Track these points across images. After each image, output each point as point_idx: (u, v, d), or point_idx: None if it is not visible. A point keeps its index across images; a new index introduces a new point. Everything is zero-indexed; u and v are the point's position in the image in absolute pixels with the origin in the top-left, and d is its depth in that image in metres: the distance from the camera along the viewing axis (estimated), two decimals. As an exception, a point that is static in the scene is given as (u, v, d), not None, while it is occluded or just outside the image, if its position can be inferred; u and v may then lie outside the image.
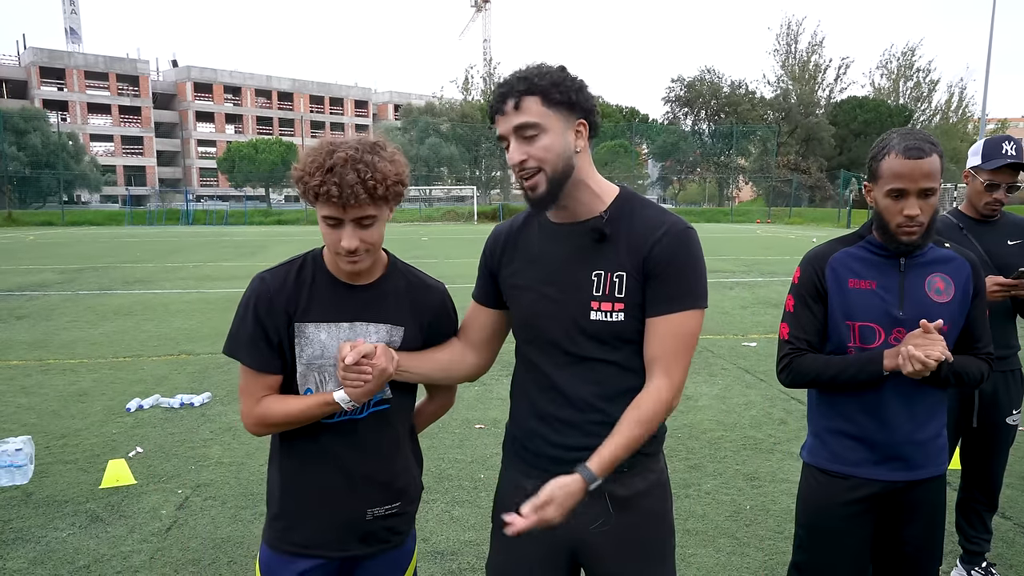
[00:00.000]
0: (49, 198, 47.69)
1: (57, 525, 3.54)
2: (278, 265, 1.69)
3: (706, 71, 62.75)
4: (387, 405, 1.70)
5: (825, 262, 1.94)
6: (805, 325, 1.95)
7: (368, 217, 1.54)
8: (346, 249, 1.54)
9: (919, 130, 1.83)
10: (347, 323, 1.64)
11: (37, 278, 13.79)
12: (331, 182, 1.48)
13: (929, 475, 1.92)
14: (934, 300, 1.86)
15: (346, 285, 1.66)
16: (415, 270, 1.78)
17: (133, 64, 72.48)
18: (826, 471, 1.98)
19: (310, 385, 1.66)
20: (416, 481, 1.80)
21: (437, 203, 53.41)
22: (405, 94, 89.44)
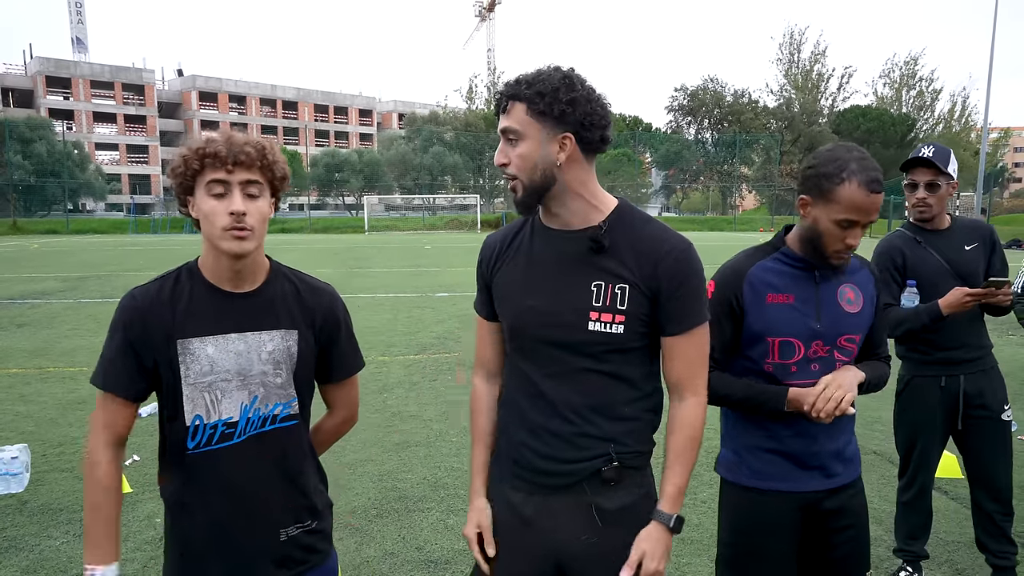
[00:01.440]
0: (54, 206, 47.92)
1: (51, 533, 3.54)
2: (150, 280, 1.57)
3: (709, 80, 62.96)
4: (295, 420, 1.62)
5: (743, 278, 1.88)
6: (714, 342, 1.85)
7: (255, 182, 1.49)
8: (237, 212, 1.45)
9: (865, 153, 1.77)
10: (236, 333, 1.54)
11: (40, 286, 13.85)
12: (218, 144, 1.46)
13: (846, 481, 1.94)
14: (846, 311, 1.87)
15: (228, 293, 1.55)
16: (300, 273, 1.69)
17: (139, 73, 72.94)
18: (748, 487, 1.94)
19: (199, 411, 1.52)
20: (324, 498, 1.71)
21: (440, 212, 53.53)
22: (409, 103, 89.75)
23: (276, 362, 1.58)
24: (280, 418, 1.59)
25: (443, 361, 7.34)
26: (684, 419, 1.58)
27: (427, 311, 10.62)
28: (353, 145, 79.64)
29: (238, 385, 1.55)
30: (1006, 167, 70.59)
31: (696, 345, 1.57)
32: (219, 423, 1.54)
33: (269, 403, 1.58)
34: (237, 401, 1.55)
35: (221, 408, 1.54)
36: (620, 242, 1.55)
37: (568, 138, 1.49)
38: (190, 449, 1.53)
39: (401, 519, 3.72)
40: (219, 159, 1.45)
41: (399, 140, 62.85)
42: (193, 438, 1.53)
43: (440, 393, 6.16)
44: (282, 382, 1.59)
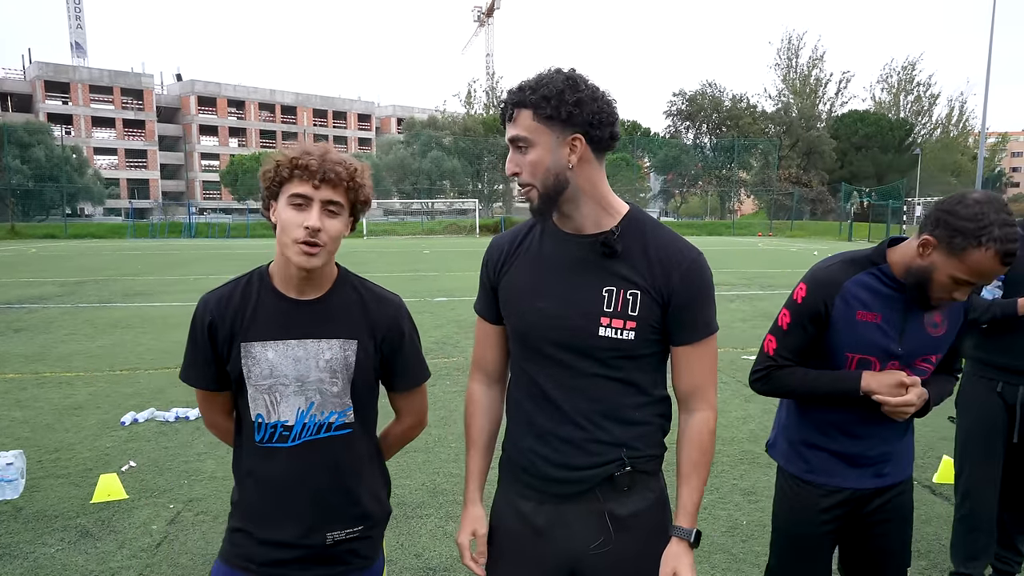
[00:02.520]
0: (52, 211, 47.87)
1: (46, 540, 3.51)
2: (222, 285, 1.65)
3: (707, 85, 63.14)
4: (349, 429, 1.64)
5: (838, 289, 1.85)
6: (793, 346, 1.94)
7: (336, 204, 1.52)
8: (311, 228, 1.49)
9: (1012, 219, 1.67)
10: (295, 340, 1.59)
11: (37, 291, 13.81)
12: (310, 158, 1.49)
13: (896, 480, 1.99)
14: (930, 334, 1.88)
15: (293, 300, 1.60)
16: (368, 282, 1.72)
17: (138, 78, 73.00)
18: (798, 479, 2.03)
19: (260, 410, 1.59)
20: (382, 505, 1.75)
21: (439, 216, 53.53)
22: (408, 108, 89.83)
23: (333, 371, 1.60)
24: (335, 426, 1.62)
25: (442, 366, 7.31)
26: (696, 432, 1.57)
27: (425, 316, 10.59)
28: (352, 150, 79.63)
29: (295, 390, 1.59)
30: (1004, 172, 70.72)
31: (707, 355, 1.57)
32: (278, 424, 1.60)
33: (325, 410, 1.61)
34: (294, 406, 1.59)
35: (280, 411, 1.59)
36: (632, 248, 1.53)
37: (578, 139, 1.47)
38: (256, 441, 1.62)
39: (399, 526, 3.69)
40: (308, 172, 1.48)
41: (398, 145, 62.89)
42: (258, 432, 1.61)
43: (438, 398, 6.13)
44: (338, 391, 1.61)
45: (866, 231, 37.16)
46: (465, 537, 1.68)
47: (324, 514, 1.62)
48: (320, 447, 1.61)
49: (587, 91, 1.46)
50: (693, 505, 1.56)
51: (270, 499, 1.61)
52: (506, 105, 1.50)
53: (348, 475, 1.65)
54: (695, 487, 1.56)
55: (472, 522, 1.69)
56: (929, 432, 5.13)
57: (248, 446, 1.64)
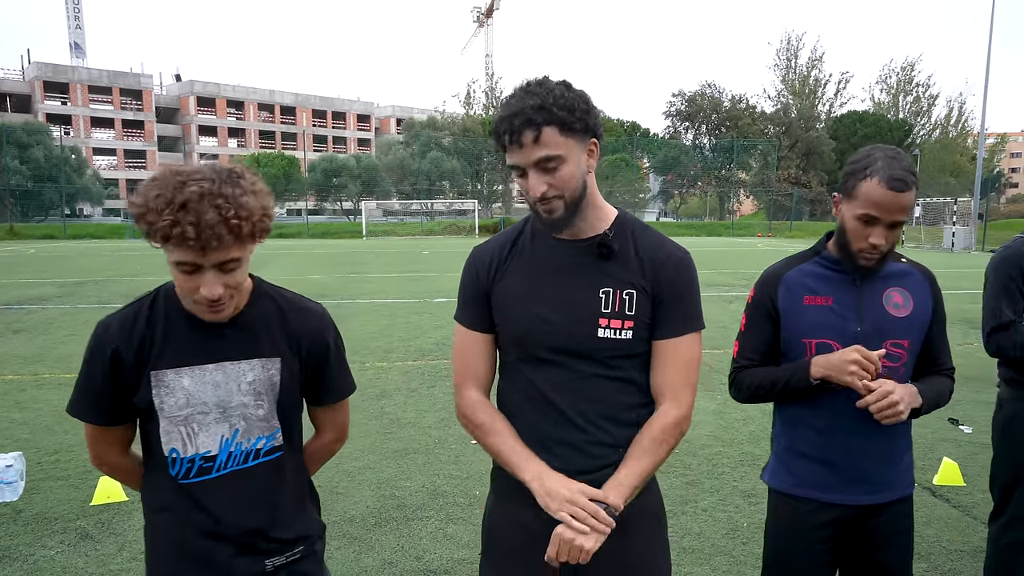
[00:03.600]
0: (51, 211, 47.88)
1: (46, 543, 3.50)
2: (124, 307, 1.49)
3: (707, 85, 63.20)
4: (279, 452, 1.55)
5: (779, 281, 1.90)
6: (754, 344, 1.95)
7: (232, 260, 1.34)
8: (207, 299, 1.35)
9: (903, 155, 1.76)
10: (213, 364, 1.46)
11: (37, 291, 13.79)
12: (186, 222, 1.25)
13: (896, 497, 1.89)
14: (893, 315, 1.84)
15: (205, 322, 1.45)
16: (288, 292, 1.59)
17: (136, 78, 73.00)
18: (790, 495, 1.93)
19: (175, 444, 1.45)
20: (315, 521, 1.65)
21: (438, 217, 53.53)
22: (407, 108, 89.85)
23: (257, 392, 1.49)
24: (264, 451, 1.52)
25: (441, 367, 7.30)
26: (653, 421, 1.55)
27: (425, 316, 10.58)
28: (351, 150, 79.71)
29: (217, 418, 1.47)
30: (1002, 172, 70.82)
31: (686, 351, 1.57)
32: (196, 457, 1.47)
33: (251, 436, 1.50)
34: (216, 435, 1.47)
35: (198, 442, 1.46)
36: (624, 248, 1.57)
37: (594, 143, 1.51)
38: (172, 476, 1.48)
39: (400, 528, 3.69)
40: (186, 243, 1.27)
41: (397, 145, 62.92)
42: (172, 468, 1.48)
43: (438, 400, 6.13)
44: (264, 413, 1.51)
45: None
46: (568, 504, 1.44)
47: (260, 543, 1.51)
48: (248, 476, 1.49)
49: (587, 96, 1.50)
50: (619, 482, 1.48)
51: (193, 535, 1.48)
52: (522, 127, 1.42)
53: (281, 499, 1.54)
54: (629, 467, 1.50)
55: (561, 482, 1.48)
56: (929, 434, 5.13)
57: (161, 483, 1.49)
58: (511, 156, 1.47)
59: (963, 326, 9.77)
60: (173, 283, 1.46)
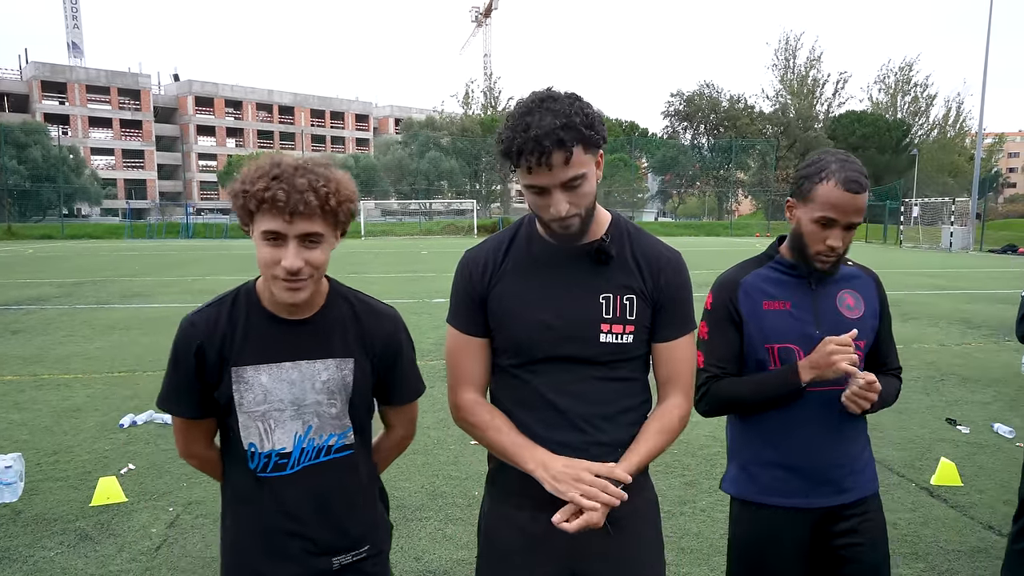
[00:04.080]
0: (49, 211, 47.84)
1: (45, 544, 3.50)
2: (206, 305, 1.55)
3: (705, 85, 63.39)
4: (350, 451, 1.59)
5: (737, 286, 1.89)
6: (721, 352, 1.88)
7: (315, 235, 1.41)
8: (287, 270, 1.39)
9: (854, 159, 1.78)
10: (290, 363, 1.51)
11: (35, 292, 13.78)
12: (277, 187, 1.35)
13: (860, 496, 1.87)
14: (847, 316, 1.85)
15: (285, 320, 1.52)
16: (362, 295, 1.64)
17: (135, 78, 72.91)
18: (756, 504, 1.89)
19: (253, 439, 1.51)
20: (383, 521, 1.71)
21: (437, 216, 53.53)
22: (406, 108, 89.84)
23: (330, 392, 1.54)
24: (335, 449, 1.57)
25: (440, 368, 7.27)
26: (665, 409, 1.61)
27: (424, 317, 10.58)
28: (349, 150, 79.68)
29: (292, 415, 1.52)
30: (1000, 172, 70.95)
31: (686, 351, 1.63)
32: (272, 453, 1.52)
33: (324, 433, 1.55)
34: (291, 431, 1.52)
35: (275, 438, 1.52)
36: (621, 252, 1.59)
37: (600, 155, 1.52)
38: (251, 469, 1.54)
39: (399, 528, 3.69)
40: (276, 207, 1.35)
41: (395, 145, 62.92)
42: (251, 462, 1.54)
43: (437, 400, 6.11)
44: (336, 412, 1.55)
45: (863, 232, 37.24)
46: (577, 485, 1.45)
47: (328, 540, 1.56)
48: (321, 472, 1.55)
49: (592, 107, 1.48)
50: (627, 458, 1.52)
51: (270, 528, 1.54)
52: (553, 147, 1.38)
53: (350, 497, 1.60)
54: (639, 448, 1.55)
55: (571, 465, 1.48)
56: (927, 434, 5.14)
57: (241, 475, 1.56)
58: (535, 177, 1.43)
59: (961, 326, 9.76)
60: (254, 282, 1.55)
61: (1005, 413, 5.69)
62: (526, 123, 1.39)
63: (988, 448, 4.89)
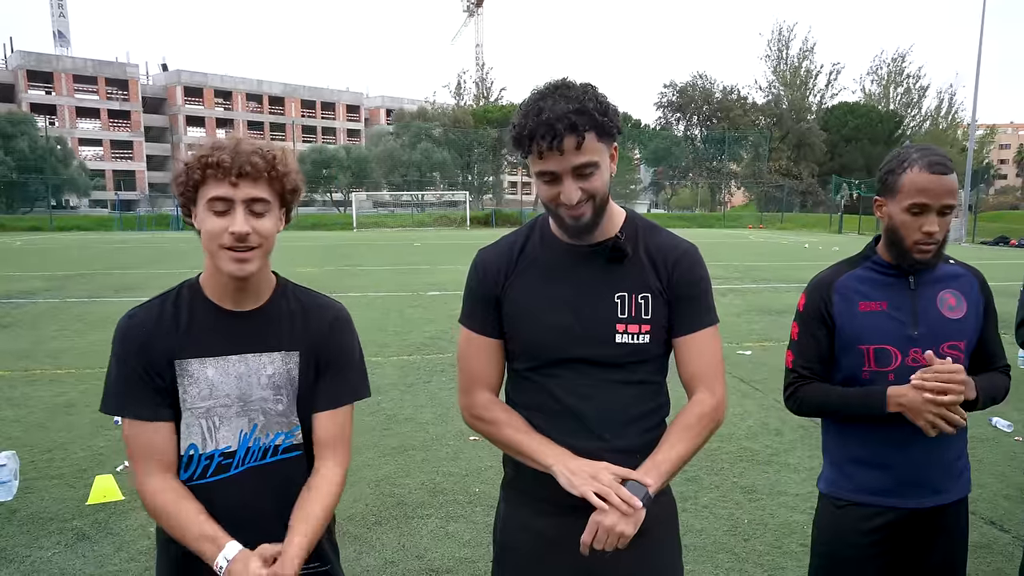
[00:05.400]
0: (37, 203, 47.36)
1: (42, 544, 3.46)
2: (146, 302, 1.50)
3: (698, 76, 63.12)
4: (298, 451, 1.52)
5: (831, 288, 1.88)
6: (809, 354, 1.90)
7: (261, 201, 1.38)
8: (237, 233, 1.35)
9: (934, 146, 1.80)
10: (236, 355, 1.46)
11: (24, 285, 13.64)
12: (220, 153, 1.34)
13: (951, 499, 1.87)
14: (947, 317, 1.82)
15: (231, 313, 1.47)
16: (308, 291, 1.61)
17: (122, 68, 72.10)
18: (844, 500, 1.90)
19: (195, 439, 1.44)
20: (333, 540, 1.63)
21: (429, 208, 53.35)
22: (397, 99, 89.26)
23: (276, 387, 1.49)
24: (282, 449, 1.50)
25: (436, 362, 7.28)
26: (689, 408, 1.56)
27: (418, 310, 10.54)
28: (341, 141, 79.19)
29: (237, 411, 1.46)
30: (992, 164, 71.31)
31: (710, 343, 1.57)
32: (215, 453, 1.45)
33: (270, 432, 1.49)
34: (236, 429, 1.46)
35: (219, 436, 1.45)
36: (636, 251, 1.56)
37: (615, 148, 1.51)
38: (184, 480, 1.45)
39: (400, 526, 3.67)
40: (222, 170, 1.34)
41: (387, 136, 62.56)
42: (185, 469, 1.45)
43: (435, 395, 6.10)
44: (283, 409, 1.50)
45: (856, 223, 37.36)
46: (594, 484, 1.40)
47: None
48: (265, 473, 1.48)
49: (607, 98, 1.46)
50: (652, 464, 1.46)
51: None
52: (565, 132, 1.37)
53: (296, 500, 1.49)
54: (663, 451, 1.48)
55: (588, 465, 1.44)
56: (925, 428, 5.15)
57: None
58: (546, 163, 1.42)
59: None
60: (195, 278, 1.51)
61: (1003, 407, 5.69)
62: (539, 108, 1.39)
63: (987, 442, 4.92)
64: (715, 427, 1.56)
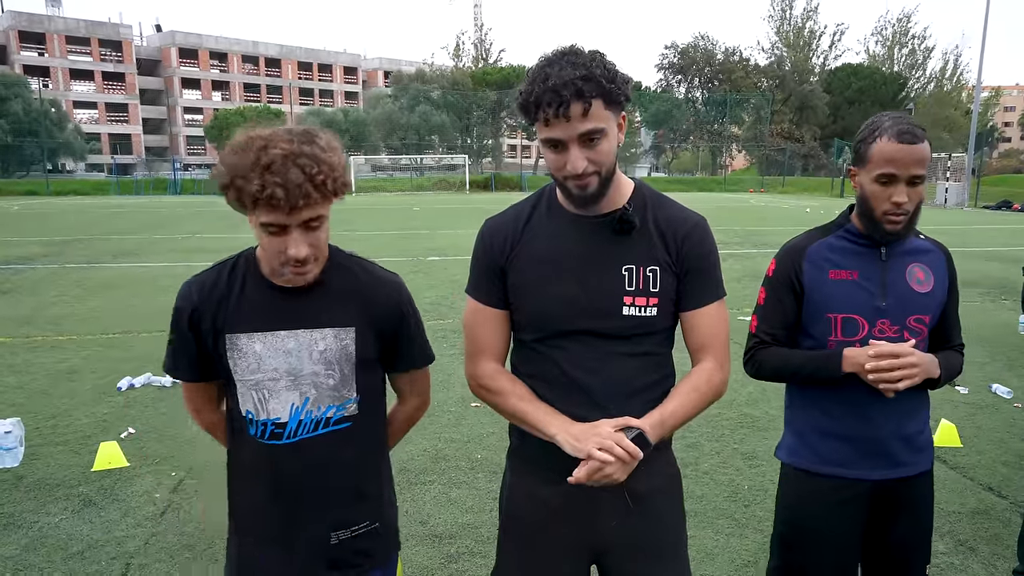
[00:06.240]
0: (33, 167, 46.96)
1: (49, 510, 3.49)
2: (206, 270, 1.53)
3: (700, 38, 62.20)
4: (349, 423, 1.54)
5: (803, 254, 1.87)
6: (774, 319, 1.90)
7: (317, 218, 1.37)
8: (295, 259, 1.37)
9: (909, 116, 1.78)
10: (286, 331, 1.47)
11: (22, 251, 13.60)
12: (273, 183, 1.28)
13: (916, 471, 1.88)
14: (916, 290, 1.82)
15: (283, 289, 1.48)
16: (364, 261, 1.60)
17: (116, 29, 70.84)
18: (809, 472, 1.90)
19: (248, 406, 1.49)
20: (388, 497, 1.67)
21: (428, 172, 52.96)
22: (395, 60, 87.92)
23: (328, 362, 1.49)
24: (333, 421, 1.52)
25: (438, 328, 7.28)
26: (696, 372, 1.57)
27: (419, 276, 10.52)
28: (338, 104, 78.27)
29: (287, 385, 1.48)
30: (996, 127, 70.56)
31: (718, 317, 1.57)
32: (268, 422, 1.49)
33: (321, 406, 1.50)
34: (287, 402, 1.48)
35: (269, 408, 1.49)
36: (644, 222, 1.54)
37: (624, 117, 1.48)
38: (251, 435, 1.52)
39: (403, 492, 3.70)
40: (274, 202, 1.30)
41: (385, 99, 61.81)
42: (251, 428, 1.52)
43: (436, 362, 6.07)
44: (335, 383, 1.51)
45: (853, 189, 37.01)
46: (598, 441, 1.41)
47: (325, 514, 1.53)
48: (318, 444, 1.51)
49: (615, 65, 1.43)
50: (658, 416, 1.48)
51: (269, 500, 1.52)
52: (571, 98, 1.36)
53: (350, 471, 1.56)
54: (668, 405, 1.51)
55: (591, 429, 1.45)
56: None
57: (242, 442, 1.54)
58: (552, 129, 1.40)
59: (956, 284, 9.81)
60: (254, 249, 1.51)
61: (1003, 373, 5.73)
62: (546, 74, 1.37)
63: (987, 409, 4.94)
64: (716, 398, 1.58)
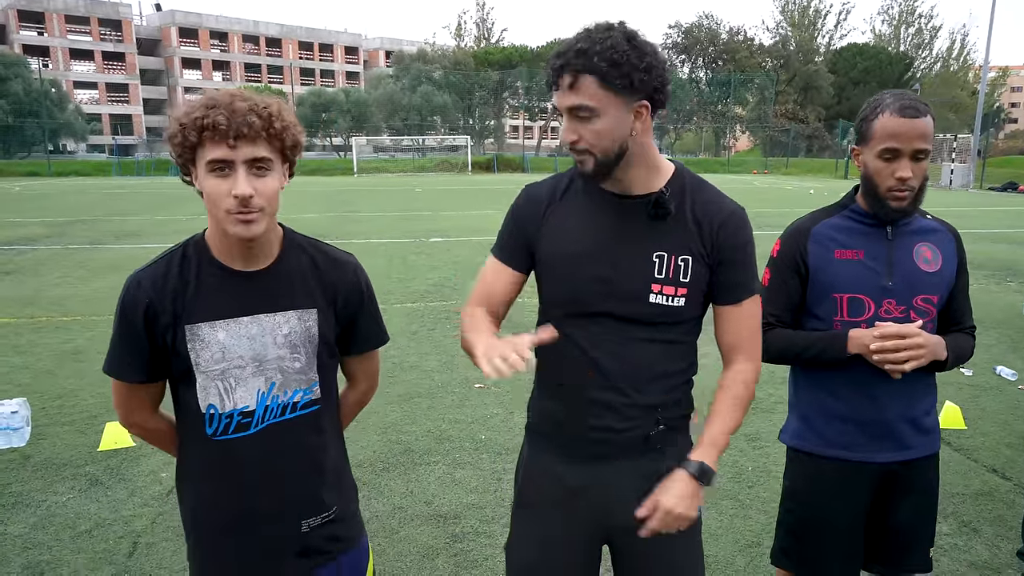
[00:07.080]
0: (34, 148, 46.78)
1: (57, 489, 3.52)
2: (153, 261, 1.45)
3: (704, 17, 61.75)
4: (317, 406, 1.52)
5: (807, 235, 1.85)
6: (778, 300, 1.88)
7: (263, 160, 1.33)
8: (240, 196, 1.31)
9: (911, 92, 1.77)
10: (247, 317, 1.43)
11: (25, 232, 13.59)
12: (216, 113, 1.28)
13: (922, 454, 1.87)
14: (923, 269, 1.81)
15: (238, 273, 1.43)
16: (319, 243, 1.57)
17: (115, 8, 70.20)
18: (814, 455, 1.90)
19: (213, 399, 1.43)
20: (349, 479, 1.65)
21: (430, 153, 52.71)
22: (397, 40, 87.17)
23: (293, 345, 1.47)
24: (300, 405, 1.50)
25: (441, 309, 7.28)
26: (730, 380, 1.55)
27: (422, 257, 10.51)
28: (340, 84, 77.70)
29: (253, 371, 1.44)
30: (1003, 108, 69.97)
31: (752, 312, 1.55)
32: (234, 412, 1.45)
33: (288, 390, 1.48)
34: (253, 388, 1.45)
35: (236, 397, 1.44)
36: (681, 209, 1.50)
37: (644, 106, 1.41)
38: (208, 435, 1.46)
39: (408, 473, 3.72)
40: (219, 132, 1.28)
41: (387, 79, 61.34)
42: (209, 425, 1.45)
43: (439, 343, 6.13)
44: (301, 366, 1.49)
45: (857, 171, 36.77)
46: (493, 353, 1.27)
47: (296, 502, 1.51)
48: (285, 430, 1.48)
49: (652, 54, 1.38)
50: (708, 440, 1.49)
51: (234, 496, 1.48)
52: (561, 69, 1.37)
53: (316, 455, 1.53)
54: (715, 425, 1.51)
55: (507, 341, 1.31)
56: (929, 376, 5.17)
57: (198, 443, 1.47)
58: (554, 97, 1.43)
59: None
60: (201, 235, 1.46)
61: (1008, 355, 5.73)
62: (563, 41, 1.39)
63: (991, 391, 4.94)
64: (753, 397, 1.57)
